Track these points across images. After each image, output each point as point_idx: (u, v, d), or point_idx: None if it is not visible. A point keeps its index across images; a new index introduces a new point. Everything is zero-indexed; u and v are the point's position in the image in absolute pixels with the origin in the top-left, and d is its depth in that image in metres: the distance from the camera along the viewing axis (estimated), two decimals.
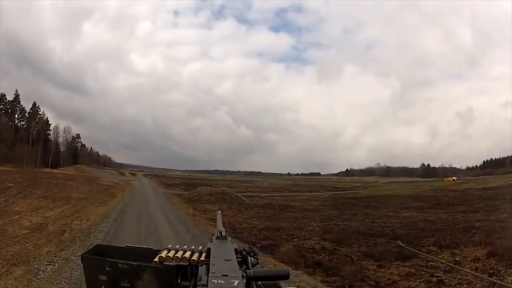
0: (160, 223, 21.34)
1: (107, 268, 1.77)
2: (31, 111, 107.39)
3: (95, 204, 29.21)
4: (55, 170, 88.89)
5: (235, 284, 1.19)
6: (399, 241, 18.83)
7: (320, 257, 15.52)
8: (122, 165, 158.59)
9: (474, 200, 39.71)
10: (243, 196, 46.88)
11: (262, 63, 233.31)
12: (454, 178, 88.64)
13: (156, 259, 1.73)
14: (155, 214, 25.96)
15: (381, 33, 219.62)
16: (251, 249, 1.73)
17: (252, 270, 1.51)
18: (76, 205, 27.86)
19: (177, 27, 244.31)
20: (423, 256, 15.76)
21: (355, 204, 40.88)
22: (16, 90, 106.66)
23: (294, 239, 19.38)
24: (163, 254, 1.74)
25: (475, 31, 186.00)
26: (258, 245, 16.89)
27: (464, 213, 29.65)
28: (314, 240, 19.04)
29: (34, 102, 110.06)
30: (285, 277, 1.53)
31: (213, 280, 1.22)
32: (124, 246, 2.06)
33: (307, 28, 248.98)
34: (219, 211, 2.47)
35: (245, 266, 1.59)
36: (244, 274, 1.42)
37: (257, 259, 1.69)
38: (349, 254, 16.25)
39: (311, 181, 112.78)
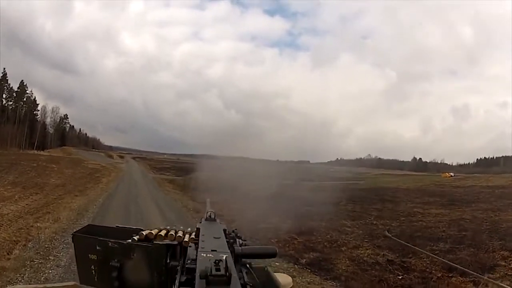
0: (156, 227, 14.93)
1: (97, 247, 1.72)
2: (19, 90, 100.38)
3: (73, 193, 23.09)
4: (41, 152, 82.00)
5: (224, 258, 1.12)
6: (386, 231, 17.61)
7: (399, 277, 11.96)
8: (111, 148, 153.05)
9: (490, 198, 35.04)
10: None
11: (255, 47, 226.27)
12: (451, 174, 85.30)
13: (145, 233, 1.70)
14: (147, 209, 19.77)
15: (379, 23, 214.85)
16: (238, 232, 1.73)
17: (240, 248, 1.48)
18: (49, 194, 21.86)
19: (169, 6, 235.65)
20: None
21: (369, 197, 35.87)
22: (4, 69, 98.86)
23: (342, 248, 15.05)
24: (154, 232, 1.72)
25: (475, 28, 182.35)
26: (303, 260, 13.09)
27: (494, 212, 25.58)
28: (368, 249, 14.96)
29: (22, 80, 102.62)
30: (273, 255, 1.51)
31: (202, 254, 1.23)
32: (115, 226, 1.99)
33: (303, 13, 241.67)
34: (208, 199, 2.45)
35: (234, 245, 1.53)
36: (233, 251, 1.41)
37: (245, 240, 1.67)
38: (428, 269, 12.73)
39: (302, 169, 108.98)
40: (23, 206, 17.59)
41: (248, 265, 1.47)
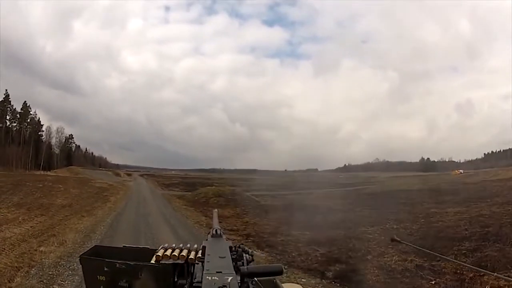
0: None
1: (105, 269, 1.74)
2: (22, 111, 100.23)
3: (80, 214, 22.03)
4: (48, 172, 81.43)
5: (229, 280, 1.19)
6: (395, 235, 16.02)
7: (432, 283, 11.28)
8: (118, 166, 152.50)
9: (503, 191, 34.53)
10: (252, 195, 39.96)
11: (256, 59, 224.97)
12: (460, 171, 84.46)
13: (160, 254, 1.72)
14: (158, 228, 18.59)
15: (376, 25, 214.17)
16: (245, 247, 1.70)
17: (245, 267, 1.45)
18: (55, 216, 20.87)
19: (169, 23, 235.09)
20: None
21: (383, 202, 34.48)
22: (6, 90, 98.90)
23: (367, 257, 14.15)
24: (160, 253, 1.74)
25: (472, 21, 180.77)
26: (330, 273, 12.15)
27: (510, 204, 24.56)
28: (394, 255, 14.01)
29: (25, 101, 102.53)
30: (279, 272, 1.49)
31: (207, 277, 1.23)
32: (122, 247, 2.02)
33: (301, 22, 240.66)
34: (216, 210, 2.50)
35: (240, 263, 1.53)
36: (238, 271, 1.38)
37: (251, 255, 1.66)
38: (459, 271, 11.79)
39: (311, 178, 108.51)
40: (27, 228, 16.67)
41: (256, 279, 1.46)
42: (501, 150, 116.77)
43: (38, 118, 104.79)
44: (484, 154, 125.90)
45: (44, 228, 16.96)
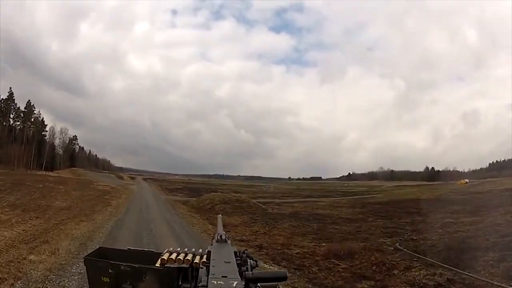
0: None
1: (110, 270, 1.74)
2: (26, 110, 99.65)
3: (78, 218, 20.46)
4: (50, 173, 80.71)
5: (234, 285, 1.19)
6: (397, 244, 16.38)
7: None
8: (121, 169, 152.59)
9: None
10: (258, 203, 38.33)
11: (262, 65, 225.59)
12: (466, 180, 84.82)
13: (158, 263, 1.73)
14: (162, 237, 16.86)
15: (384, 33, 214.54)
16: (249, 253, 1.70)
17: (251, 272, 1.47)
18: (51, 219, 19.37)
19: (175, 27, 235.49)
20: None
21: (394, 211, 33.89)
22: (10, 88, 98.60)
23: (393, 271, 12.82)
24: (165, 256, 1.76)
25: (479, 32, 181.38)
26: None
27: None
28: (421, 269, 12.73)
29: (29, 100, 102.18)
30: (283, 278, 1.50)
31: (213, 281, 1.23)
32: (126, 249, 2.03)
33: (308, 29, 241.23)
34: (220, 215, 2.52)
35: (244, 268, 1.54)
36: (243, 276, 1.40)
37: (256, 261, 1.67)
38: (490, 284, 10.77)
39: (315, 186, 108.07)
40: (18, 232, 15.18)
41: (259, 285, 1.45)
42: (505, 160, 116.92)
43: (42, 118, 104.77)
44: (489, 163, 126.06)
45: (38, 232, 15.46)
